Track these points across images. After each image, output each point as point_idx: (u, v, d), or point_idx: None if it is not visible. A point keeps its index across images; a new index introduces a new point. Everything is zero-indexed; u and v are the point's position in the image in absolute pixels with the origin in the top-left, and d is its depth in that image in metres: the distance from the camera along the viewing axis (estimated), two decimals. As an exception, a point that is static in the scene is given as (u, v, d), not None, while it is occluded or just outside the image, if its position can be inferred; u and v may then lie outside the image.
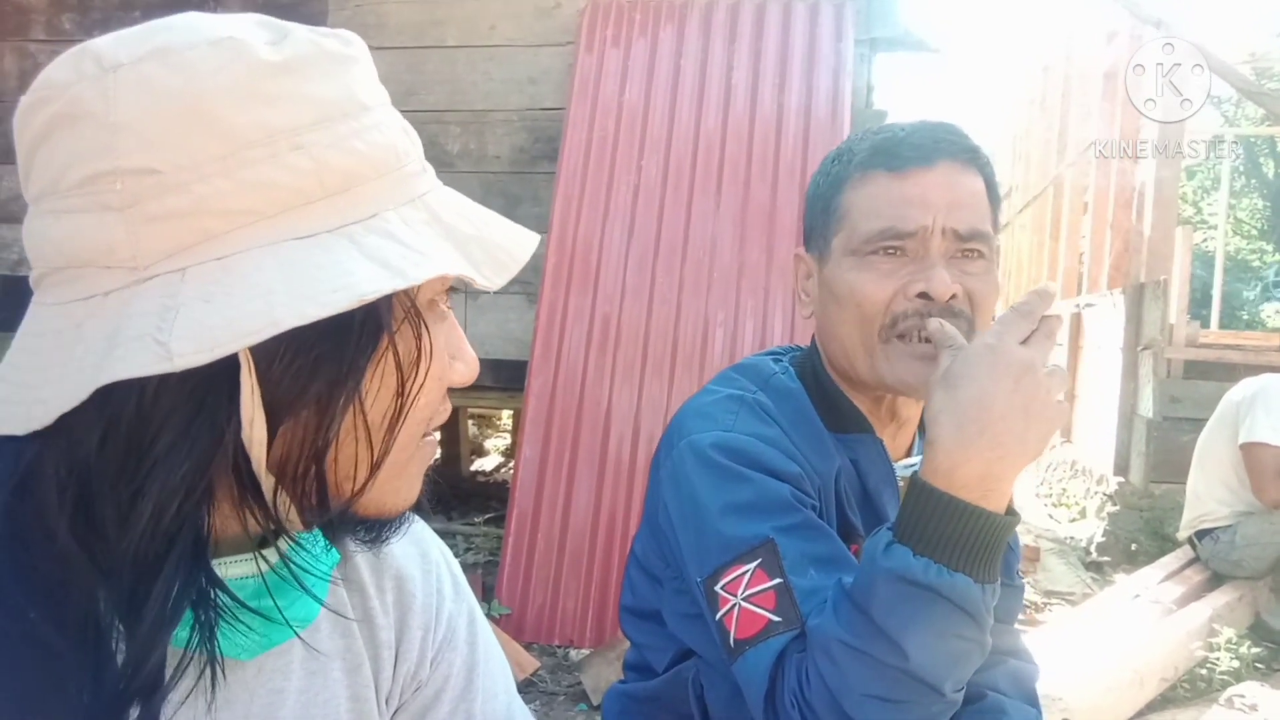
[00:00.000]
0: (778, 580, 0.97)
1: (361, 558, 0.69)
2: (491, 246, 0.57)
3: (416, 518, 0.78)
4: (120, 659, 0.52)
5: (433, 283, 0.57)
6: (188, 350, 0.46)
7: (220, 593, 0.54)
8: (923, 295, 1.04)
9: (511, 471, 5.02)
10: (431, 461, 0.65)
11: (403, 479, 0.61)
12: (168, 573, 0.51)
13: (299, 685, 0.64)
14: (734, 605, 0.98)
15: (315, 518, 0.58)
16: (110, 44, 0.52)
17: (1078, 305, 7.31)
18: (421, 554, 0.76)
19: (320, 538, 0.65)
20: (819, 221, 1.15)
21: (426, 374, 0.58)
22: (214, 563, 0.55)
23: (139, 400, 0.49)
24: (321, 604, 0.63)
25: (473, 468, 7.22)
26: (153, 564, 0.51)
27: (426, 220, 0.55)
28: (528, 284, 4.30)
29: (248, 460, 0.53)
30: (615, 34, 4.25)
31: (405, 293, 0.55)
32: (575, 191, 4.00)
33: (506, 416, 8.91)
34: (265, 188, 0.49)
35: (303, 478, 0.55)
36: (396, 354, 0.56)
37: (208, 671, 0.59)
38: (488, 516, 5.20)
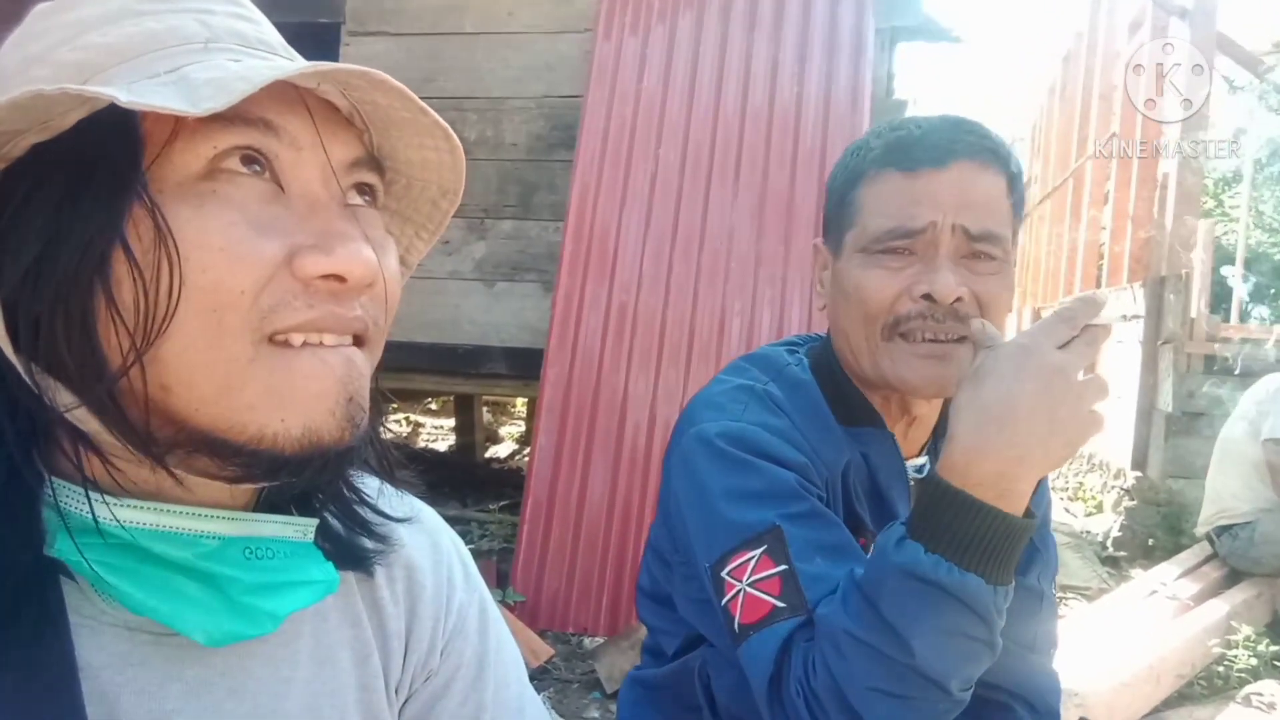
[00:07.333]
0: (783, 566, 0.97)
1: (372, 547, 0.69)
2: (232, 79, 0.51)
3: (426, 507, 0.78)
4: None
5: (195, 147, 0.53)
6: None
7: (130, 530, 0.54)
8: (927, 296, 1.03)
9: (526, 459, 5.02)
10: (329, 382, 0.55)
11: (250, 392, 0.53)
12: None
13: (306, 675, 0.64)
14: (739, 590, 0.98)
15: (112, 407, 0.53)
16: None
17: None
18: (432, 543, 0.75)
19: (317, 552, 0.62)
20: (835, 215, 1.15)
21: (175, 250, 0.51)
22: (116, 502, 0.54)
23: None
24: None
25: (487, 455, 7.24)
26: None
27: (167, 82, 0.52)
28: (544, 272, 4.29)
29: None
30: (634, 20, 4.23)
31: (132, 157, 0.52)
32: (592, 179, 3.99)
33: (521, 404, 8.94)
34: (9, 108, 0.51)
35: (61, 342, 0.52)
36: (120, 230, 0.51)
37: (210, 663, 0.59)
38: (502, 504, 5.21)
